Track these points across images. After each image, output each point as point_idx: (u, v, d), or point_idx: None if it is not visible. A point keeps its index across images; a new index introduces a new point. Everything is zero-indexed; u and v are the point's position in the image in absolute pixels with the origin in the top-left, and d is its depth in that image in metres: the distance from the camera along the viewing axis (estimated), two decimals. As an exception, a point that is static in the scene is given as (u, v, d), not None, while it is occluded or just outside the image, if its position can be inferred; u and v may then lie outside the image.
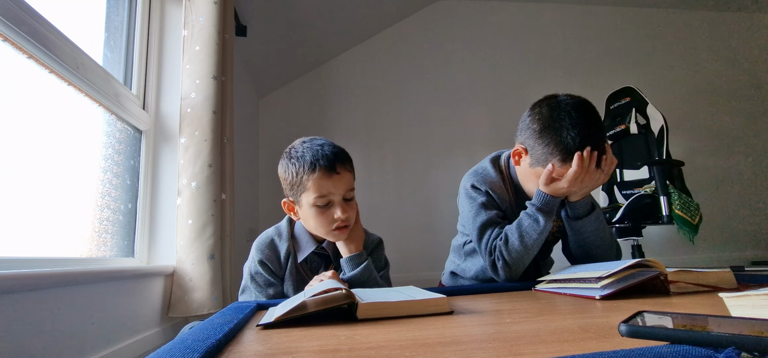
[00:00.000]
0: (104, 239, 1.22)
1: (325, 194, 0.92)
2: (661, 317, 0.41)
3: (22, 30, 0.86)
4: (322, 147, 0.94)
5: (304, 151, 0.94)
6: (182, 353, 0.39)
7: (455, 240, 1.33)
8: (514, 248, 1.02)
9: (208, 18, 1.50)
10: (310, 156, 0.93)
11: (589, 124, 0.96)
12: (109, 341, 1.03)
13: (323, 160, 0.92)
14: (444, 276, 1.38)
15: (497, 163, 1.16)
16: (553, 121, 0.97)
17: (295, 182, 0.94)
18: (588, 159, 0.95)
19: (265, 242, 1.00)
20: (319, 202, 0.93)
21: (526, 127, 1.03)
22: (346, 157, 0.97)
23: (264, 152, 2.99)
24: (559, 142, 0.96)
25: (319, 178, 0.92)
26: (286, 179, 0.97)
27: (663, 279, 0.73)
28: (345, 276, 0.96)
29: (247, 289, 1.00)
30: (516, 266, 1.04)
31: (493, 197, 1.11)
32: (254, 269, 0.98)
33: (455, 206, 1.23)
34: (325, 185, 0.92)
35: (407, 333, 0.48)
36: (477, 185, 1.12)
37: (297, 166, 0.93)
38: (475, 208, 1.10)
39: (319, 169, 0.91)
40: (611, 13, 3.51)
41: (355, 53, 3.21)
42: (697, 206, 2.11)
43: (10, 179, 0.89)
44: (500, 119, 3.20)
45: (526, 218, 1.03)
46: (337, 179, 0.93)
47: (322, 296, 0.59)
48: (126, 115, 1.33)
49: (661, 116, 2.31)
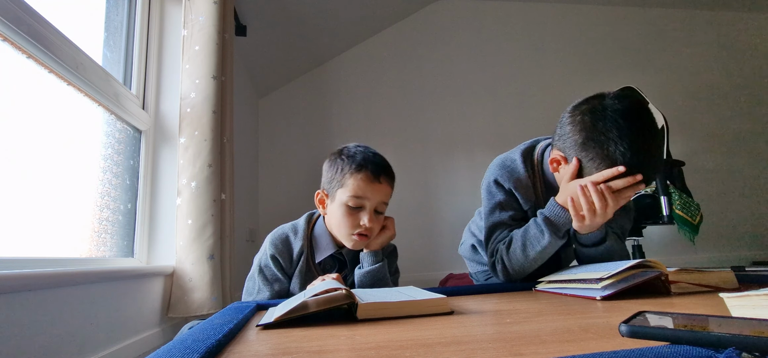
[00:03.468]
0: (104, 239, 1.22)
1: (360, 195, 0.94)
2: (661, 318, 0.41)
3: (22, 30, 0.86)
4: (374, 155, 0.98)
5: (356, 152, 0.97)
6: (182, 353, 0.39)
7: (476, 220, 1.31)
8: (516, 256, 0.98)
9: (207, 18, 1.50)
10: (361, 157, 0.96)
11: (641, 137, 0.80)
12: (108, 341, 1.02)
13: (371, 166, 0.95)
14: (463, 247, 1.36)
15: (529, 157, 1.06)
16: (599, 134, 0.82)
17: (337, 176, 0.96)
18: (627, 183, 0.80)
19: (280, 237, 1.01)
20: (352, 202, 0.94)
21: (566, 136, 0.88)
22: (392, 172, 1.00)
23: (264, 152, 2.99)
24: (605, 157, 0.81)
25: (361, 179, 0.94)
26: (329, 172, 0.99)
27: (664, 279, 0.73)
28: (363, 268, 0.98)
29: (253, 278, 1.01)
30: (515, 272, 1.00)
31: (516, 196, 1.03)
32: (264, 261, 0.99)
33: (455, 206, 1.23)
34: (363, 188, 0.94)
35: (407, 333, 0.48)
36: (501, 180, 1.04)
37: (345, 162, 0.96)
38: (491, 205, 1.06)
39: (364, 171, 0.94)
40: (611, 13, 3.51)
41: (355, 53, 3.21)
42: (697, 206, 2.11)
43: (10, 179, 0.88)
44: (500, 119, 3.20)
45: (534, 226, 0.96)
46: (377, 186, 0.95)
47: (322, 296, 0.59)
48: (126, 115, 1.33)
49: (661, 116, 2.30)
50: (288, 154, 3.01)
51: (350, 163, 0.95)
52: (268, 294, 0.97)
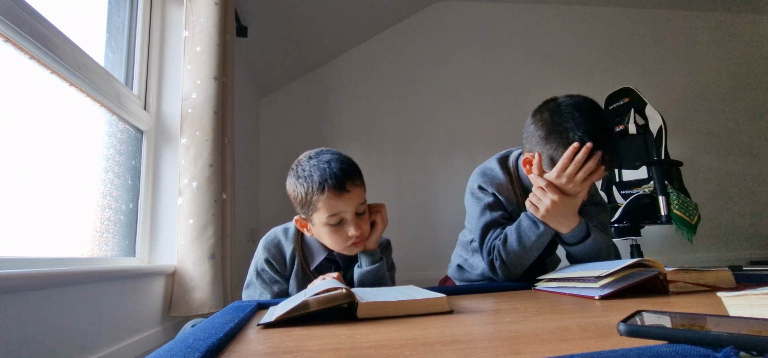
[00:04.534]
0: (105, 239, 1.22)
1: (336, 212, 0.90)
2: (659, 317, 0.41)
3: (24, 31, 0.86)
4: (329, 164, 0.90)
5: (311, 169, 0.90)
6: (183, 352, 0.39)
7: (462, 235, 1.33)
8: (512, 249, 1.01)
9: (208, 19, 1.50)
10: (318, 176, 0.89)
11: (595, 121, 0.91)
12: (110, 341, 1.03)
13: (331, 180, 0.88)
14: (450, 269, 1.38)
15: (505, 164, 1.13)
16: (557, 125, 0.93)
17: (305, 202, 0.91)
18: (585, 155, 0.89)
19: (272, 242, 1.00)
20: (332, 220, 0.90)
21: (531, 135, 0.99)
22: (355, 171, 0.94)
23: (265, 152, 2.99)
24: (566, 144, 0.91)
25: (328, 198, 0.88)
26: (295, 199, 0.94)
27: (662, 279, 0.73)
28: (362, 269, 0.97)
29: (252, 284, 1.00)
30: (514, 267, 1.03)
31: (500, 199, 1.09)
32: (260, 266, 0.98)
33: (455, 205, 1.24)
34: (335, 205, 0.89)
35: (407, 333, 0.49)
36: (484, 185, 1.10)
37: (306, 186, 0.90)
38: (480, 208, 1.09)
39: (328, 190, 0.88)
40: (611, 13, 3.51)
41: (355, 54, 3.22)
42: (695, 205, 2.11)
43: (13, 179, 0.89)
44: (500, 119, 3.20)
45: (526, 219, 1.01)
46: (347, 197, 0.90)
47: (322, 295, 0.59)
48: (127, 116, 1.34)
49: (659, 117, 2.31)
50: (288, 154, 2.98)
51: (310, 184, 0.89)
52: (268, 296, 0.97)
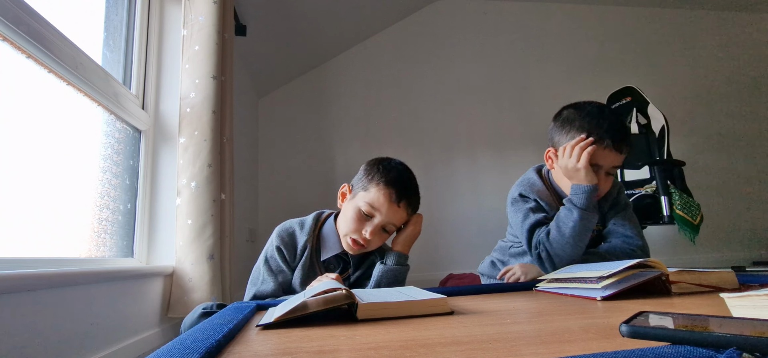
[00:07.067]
0: (103, 239, 1.22)
1: (376, 208, 0.97)
2: (662, 318, 0.41)
3: (21, 29, 0.86)
4: (407, 180, 1.02)
5: (393, 169, 1.02)
6: (182, 353, 0.39)
7: (502, 241, 1.39)
8: (555, 239, 1.08)
9: (207, 17, 1.50)
10: (393, 176, 0.99)
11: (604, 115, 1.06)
12: (108, 342, 1.02)
13: (398, 187, 0.98)
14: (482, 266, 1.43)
15: (540, 173, 1.25)
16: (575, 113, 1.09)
17: (366, 181, 1.01)
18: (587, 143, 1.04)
19: (287, 230, 1.05)
20: (366, 209, 0.98)
21: (551, 130, 1.15)
22: (416, 202, 1.05)
23: (264, 152, 2.99)
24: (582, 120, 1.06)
25: (383, 194, 0.97)
26: (364, 173, 1.04)
27: (664, 279, 0.73)
28: (387, 265, 1.02)
29: (259, 268, 1.04)
30: (558, 257, 1.08)
31: (541, 203, 1.18)
32: (271, 252, 1.03)
33: (455, 205, 1.26)
34: (381, 203, 0.97)
35: (407, 333, 0.48)
36: (524, 193, 1.20)
37: (380, 174, 1.00)
38: (524, 212, 1.17)
39: (389, 189, 0.97)
40: (612, 13, 3.51)
41: (355, 53, 3.21)
42: (698, 206, 2.10)
43: (10, 179, 0.88)
44: (500, 119, 3.20)
45: (562, 210, 1.10)
46: (394, 208, 0.98)
47: (322, 296, 0.59)
48: (125, 115, 1.33)
49: (662, 116, 2.30)
50: (288, 153, 3.01)
51: (383, 176, 0.99)
52: (271, 285, 1.00)
